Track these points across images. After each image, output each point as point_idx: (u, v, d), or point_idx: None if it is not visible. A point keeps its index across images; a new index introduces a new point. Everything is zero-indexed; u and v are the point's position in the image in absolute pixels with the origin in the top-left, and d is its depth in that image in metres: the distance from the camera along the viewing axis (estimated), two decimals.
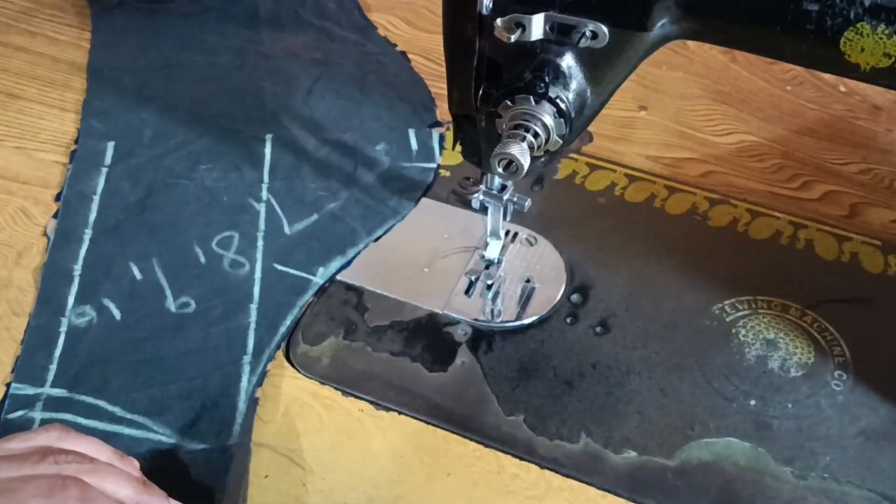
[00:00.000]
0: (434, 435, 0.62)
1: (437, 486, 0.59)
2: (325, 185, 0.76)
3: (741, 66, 0.89)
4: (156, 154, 0.78)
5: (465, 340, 0.67)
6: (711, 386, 0.64)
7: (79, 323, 0.66)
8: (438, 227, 0.74)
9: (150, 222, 0.73)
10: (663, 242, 0.72)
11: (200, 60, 0.87)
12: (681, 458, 0.60)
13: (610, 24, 0.51)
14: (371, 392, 0.64)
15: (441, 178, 0.78)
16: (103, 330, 0.66)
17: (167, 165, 0.77)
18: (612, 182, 0.77)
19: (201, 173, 0.76)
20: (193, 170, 0.76)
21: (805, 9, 0.46)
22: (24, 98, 0.86)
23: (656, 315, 0.68)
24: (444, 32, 0.55)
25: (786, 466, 0.60)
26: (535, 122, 0.53)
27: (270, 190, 0.75)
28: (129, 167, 0.77)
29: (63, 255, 0.71)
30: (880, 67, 0.47)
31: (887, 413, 0.62)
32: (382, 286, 0.70)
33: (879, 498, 0.58)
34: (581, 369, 0.65)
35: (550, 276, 0.70)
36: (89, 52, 0.89)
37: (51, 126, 0.84)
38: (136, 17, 0.92)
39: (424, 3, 0.96)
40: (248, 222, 0.73)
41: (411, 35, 0.93)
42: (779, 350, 0.65)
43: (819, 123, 0.83)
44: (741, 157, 0.80)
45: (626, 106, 0.85)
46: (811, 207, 0.76)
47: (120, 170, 0.77)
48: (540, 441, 0.61)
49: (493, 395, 0.63)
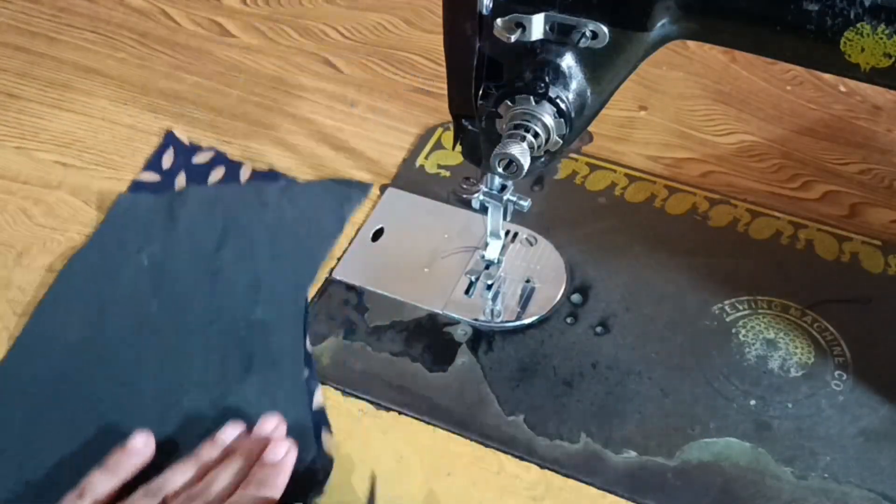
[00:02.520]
0: (434, 435, 0.62)
1: (437, 486, 0.59)
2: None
3: (741, 66, 0.89)
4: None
5: (465, 340, 0.67)
6: (711, 386, 0.64)
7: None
8: (438, 227, 0.74)
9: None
10: (663, 242, 0.72)
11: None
12: (681, 458, 0.60)
13: (610, 24, 0.51)
14: (371, 392, 0.64)
15: (441, 178, 0.78)
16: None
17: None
18: (612, 182, 0.77)
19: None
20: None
21: (805, 9, 0.46)
22: (24, 98, 0.86)
23: (656, 315, 0.68)
24: (444, 32, 0.55)
25: (786, 466, 0.60)
26: (535, 122, 0.53)
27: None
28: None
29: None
30: (880, 67, 0.47)
31: (887, 413, 0.62)
32: (382, 286, 0.70)
33: (879, 498, 0.58)
34: (581, 369, 0.65)
35: (550, 276, 0.70)
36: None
37: (51, 126, 0.84)
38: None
39: (424, 3, 0.96)
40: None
41: (411, 35, 0.93)
42: (779, 350, 0.65)
43: (819, 123, 0.83)
44: (741, 157, 0.80)
45: (626, 106, 0.85)
46: (811, 207, 0.76)
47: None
48: (540, 441, 0.61)
49: (493, 395, 0.63)
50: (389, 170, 0.80)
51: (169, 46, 0.92)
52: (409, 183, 0.78)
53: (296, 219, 0.74)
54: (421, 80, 0.88)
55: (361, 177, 0.79)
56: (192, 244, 0.72)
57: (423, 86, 0.88)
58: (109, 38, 0.93)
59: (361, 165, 0.80)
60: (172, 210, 0.74)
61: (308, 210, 0.75)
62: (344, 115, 0.85)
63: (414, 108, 0.85)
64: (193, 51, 0.91)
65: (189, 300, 0.69)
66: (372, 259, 0.72)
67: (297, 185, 0.77)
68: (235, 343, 0.66)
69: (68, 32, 0.93)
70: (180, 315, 0.68)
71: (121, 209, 0.75)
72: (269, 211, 0.75)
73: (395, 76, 0.89)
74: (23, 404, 0.63)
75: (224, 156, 0.80)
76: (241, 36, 0.93)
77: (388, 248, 0.73)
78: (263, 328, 0.67)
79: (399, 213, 0.75)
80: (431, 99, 0.86)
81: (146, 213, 0.75)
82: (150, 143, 0.82)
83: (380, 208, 0.76)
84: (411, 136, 0.83)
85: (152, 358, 0.65)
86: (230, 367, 0.64)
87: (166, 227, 0.73)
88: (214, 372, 0.64)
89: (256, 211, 0.75)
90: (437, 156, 0.80)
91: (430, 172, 0.79)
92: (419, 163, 0.80)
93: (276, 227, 0.73)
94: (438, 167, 0.79)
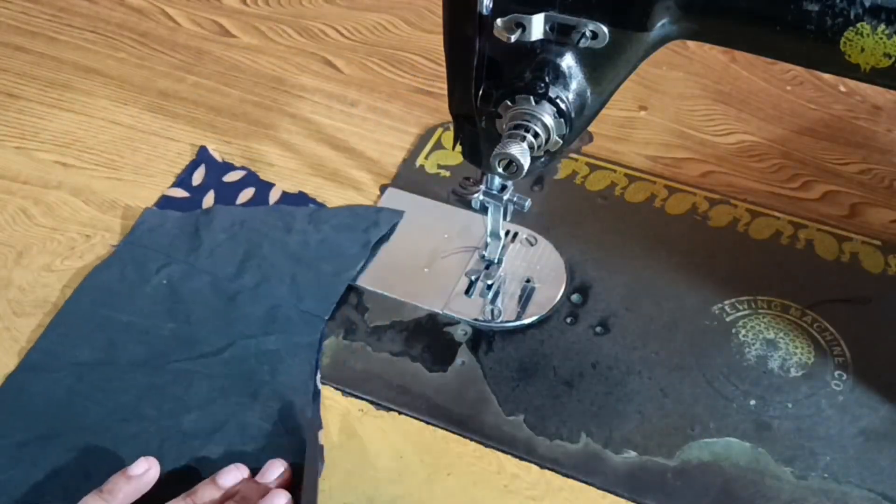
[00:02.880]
0: (434, 435, 0.62)
1: (437, 486, 0.59)
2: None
3: (741, 66, 0.89)
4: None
5: (465, 340, 0.67)
6: (711, 386, 0.64)
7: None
8: (438, 227, 0.74)
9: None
10: (663, 242, 0.72)
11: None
12: (681, 458, 0.60)
13: (610, 24, 0.51)
14: (371, 392, 0.64)
15: (441, 178, 0.78)
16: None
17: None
18: (612, 182, 0.77)
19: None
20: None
21: (805, 9, 0.46)
22: (24, 98, 0.86)
23: (656, 315, 0.68)
24: (444, 32, 0.55)
25: (786, 466, 0.60)
26: (535, 122, 0.53)
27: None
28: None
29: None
30: (880, 67, 0.47)
31: (887, 413, 0.62)
32: (382, 286, 0.70)
33: (879, 498, 0.58)
34: (581, 369, 0.65)
35: (550, 276, 0.70)
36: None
37: (51, 126, 0.84)
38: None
39: (424, 3, 0.96)
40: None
41: (411, 35, 0.93)
42: (779, 350, 0.65)
43: (819, 123, 0.83)
44: (741, 157, 0.80)
45: (626, 106, 0.85)
46: (811, 207, 0.76)
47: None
48: (540, 441, 0.61)
49: (493, 395, 0.63)
50: (389, 170, 0.80)
51: (169, 46, 0.92)
52: (409, 183, 0.78)
53: (319, 246, 0.72)
54: (421, 80, 0.88)
55: (361, 177, 0.79)
56: (212, 267, 0.71)
57: (423, 86, 0.88)
58: (109, 38, 0.93)
59: (361, 165, 0.80)
60: (197, 230, 0.73)
61: (332, 236, 0.73)
62: (344, 115, 0.85)
63: (414, 108, 0.85)
64: (193, 51, 0.91)
65: (203, 324, 0.67)
66: (372, 259, 0.72)
67: (325, 210, 0.75)
68: (245, 372, 0.64)
69: (68, 32, 0.93)
70: (192, 339, 0.66)
71: (146, 226, 0.74)
72: (294, 236, 0.73)
73: (395, 76, 0.89)
74: (24, 422, 0.62)
75: (256, 176, 0.78)
76: (241, 36, 0.93)
77: (388, 247, 0.73)
78: (275, 359, 0.65)
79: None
80: (431, 99, 0.86)
81: (171, 231, 0.73)
82: (150, 143, 0.82)
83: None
84: (411, 136, 0.83)
85: (160, 382, 0.64)
86: (235, 395, 0.63)
87: (189, 249, 0.72)
88: (219, 399, 0.63)
89: (281, 235, 0.73)
90: (437, 156, 0.80)
91: (430, 172, 0.79)
92: (419, 163, 0.80)
93: (299, 253, 0.71)
94: (438, 167, 0.79)
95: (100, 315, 0.68)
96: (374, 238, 0.72)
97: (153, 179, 0.79)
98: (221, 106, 0.86)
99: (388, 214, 0.74)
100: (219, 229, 0.73)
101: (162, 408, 0.63)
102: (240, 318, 0.68)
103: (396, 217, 0.74)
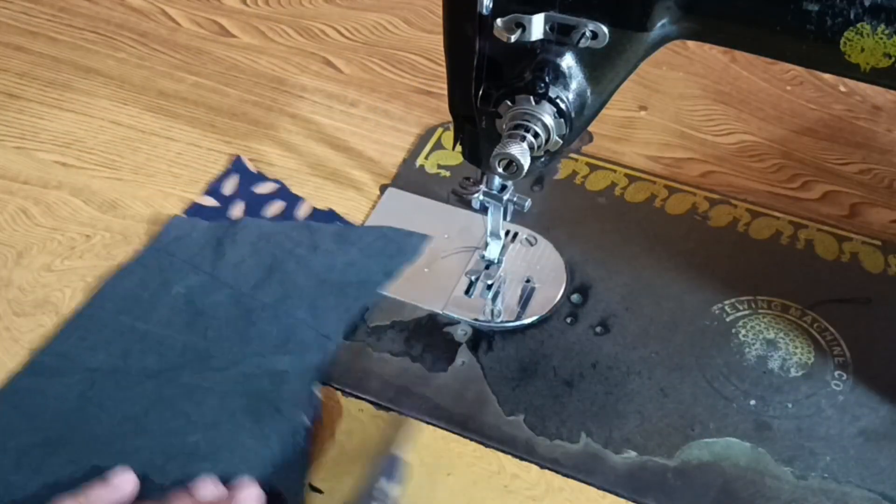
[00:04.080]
0: (434, 435, 0.62)
1: (437, 486, 0.59)
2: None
3: (741, 66, 0.89)
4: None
5: (465, 340, 0.67)
6: (711, 386, 0.64)
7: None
8: (438, 227, 0.74)
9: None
10: (663, 242, 0.72)
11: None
12: (681, 458, 0.60)
13: (610, 24, 0.51)
14: (371, 392, 0.64)
15: (441, 178, 0.78)
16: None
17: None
18: (612, 182, 0.77)
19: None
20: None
21: (805, 9, 0.46)
22: (24, 98, 0.86)
23: (656, 315, 0.68)
24: (444, 32, 0.55)
25: (786, 466, 0.60)
26: (536, 122, 0.53)
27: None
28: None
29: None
30: (880, 67, 0.47)
31: (887, 413, 0.62)
32: (382, 286, 0.70)
33: (879, 498, 0.58)
34: (581, 369, 0.65)
35: (550, 276, 0.70)
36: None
37: (51, 126, 0.84)
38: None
39: (424, 3, 0.96)
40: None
41: (411, 35, 0.93)
42: (779, 350, 0.65)
43: (819, 123, 0.83)
44: (741, 157, 0.80)
45: (626, 106, 0.85)
46: (811, 207, 0.76)
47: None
48: (540, 441, 0.61)
49: (493, 395, 0.63)
50: (389, 170, 0.80)
51: (169, 46, 0.92)
52: (409, 183, 0.78)
53: (345, 269, 0.71)
54: (421, 80, 0.88)
55: (361, 177, 0.79)
56: (234, 280, 0.70)
57: (423, 86, 0.88)
58: (109, 38, 0.93)
59: (361, 165, 0.80)
60: (222, 243, 0.72)
61: (360, 260, 0.71)
62: (344, 115, 0.85)
63: (414, 108, 0.85)
64: (193, 51, 0.91)
65: (218, 339, 0.66)
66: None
67: (354, 229, 0.74)
68: (252, 392, 0.63)
69: (68, 32, 0.93)
70: (206, 353, 0.65)
71: (174, 234, 0.73)
72: (319, 256, 0.71)
73: (395, 76, 0.89)
74: (31, 425, 0.61)
75: (287, 190, 0.77)
76: (241, 36, 0.93)
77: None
78: (284, 380, 0.64)
79: (399, 213, 0.75)
80: (431, 99, 0.86)
81: (198, 241, 0.72)
82: (150, 143, 0.82)
83: (380, 208, 0.76)
84: (411, 136, 0.83)
85: (168, 394, 0.63)
86: (240, 415, 0.62)
87: (212, 260, 0.71)
88: (225, 423, 0.62)
89: (306, 253, 0.71)
90: (437, 156, 0.80)
91: (430, 172, 0.79)
92: (419, 163, 0.80)
93: (323, 274, 0.70)
94: (438, 167, 0.79)
95: (119, 322, 0.67)
96: (399, 266, 0.71)
97: (153, 179, 0.79)
98: (221, 106, 0.86)
99: (416, 239, 0.73)
100: (245, 242, 0.72)
101: (168, 424, 0.62)
102: (255, 336, 0.66)
103: (424, 241, 0.73)
